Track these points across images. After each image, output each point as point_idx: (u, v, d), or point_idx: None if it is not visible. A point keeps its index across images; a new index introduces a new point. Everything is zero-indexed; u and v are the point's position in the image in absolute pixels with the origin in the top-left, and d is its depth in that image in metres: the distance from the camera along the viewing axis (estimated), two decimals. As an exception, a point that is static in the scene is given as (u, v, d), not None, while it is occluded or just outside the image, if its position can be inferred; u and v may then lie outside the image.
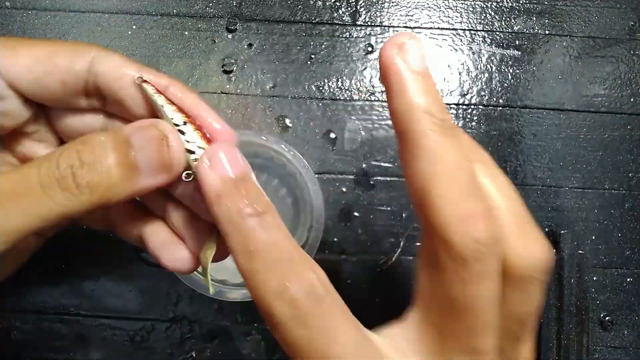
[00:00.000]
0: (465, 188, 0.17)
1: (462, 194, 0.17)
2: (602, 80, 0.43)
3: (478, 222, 0.17)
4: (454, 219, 0.17)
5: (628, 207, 0.42)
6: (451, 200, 0.17)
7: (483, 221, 0.17)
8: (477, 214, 0.17)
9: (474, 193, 0.17)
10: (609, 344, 0.42)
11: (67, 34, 0.42)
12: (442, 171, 0.17)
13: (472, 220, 0.17)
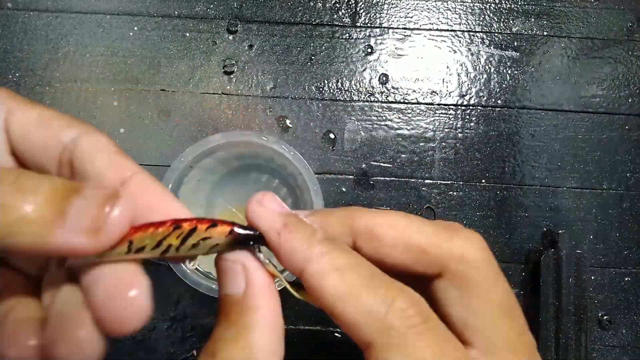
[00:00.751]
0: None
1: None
2: (600, 81, 0.43)
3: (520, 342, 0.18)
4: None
5: (626, 206, 0.43)
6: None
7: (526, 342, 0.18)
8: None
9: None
10: (607, 343, 0.42)
11: (69, 35, 0.43)
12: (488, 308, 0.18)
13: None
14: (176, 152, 0.41)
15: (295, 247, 0.17)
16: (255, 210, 0.19)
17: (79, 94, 0.42)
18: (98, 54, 0.43)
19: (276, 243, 0.18)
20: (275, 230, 0.18)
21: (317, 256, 0.17)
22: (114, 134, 0.42)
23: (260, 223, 0.18)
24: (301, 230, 0.18)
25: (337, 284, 0.16)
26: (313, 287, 0.17)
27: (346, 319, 0.16)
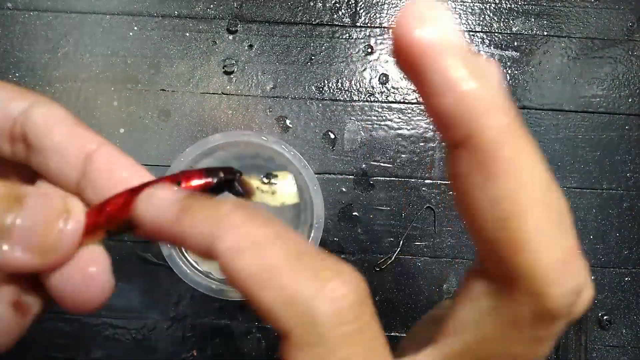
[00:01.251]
0: (559, 218, 0.13)
1: (556, 228, 0.13)
2: (600, 81, 0.43)
3: (574, 267, 0.13)
4: (552, 266, 0.13)
5: (626, 206, 0.43)
6: (547, 239, 0.13)
7: (578, 264, 0.13)
8: (573, 255, 0.13)
9: (565, 222, 0.13)
10: (607, 343, 0.42)
11: (69, 35, 0.43)
12: (533, 197, 0.13)
13: (569, 266, 0.13)
14: (176, 152, 0.41)
15: (200, 227, 0.14)
16: (142, 208, 0.15)
17: (78, 94, 0.42)
18: (98, 54, 0.43)
19: (179, 234, 0.14)
20: (171, 220, 0.14)
21: (226, 230, 0.14)
22: (114, 134, 0.42)
23: (154, 220, 0.15)
24: (205, 206, 0.14)
25: (253, 262, 0.13)
26: (225, 269, 0.13)
27: (262, 304, 0.13)
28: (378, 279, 0.41)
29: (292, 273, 0.13)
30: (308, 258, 0.13)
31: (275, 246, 0.13)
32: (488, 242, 0.13)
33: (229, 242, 0.13)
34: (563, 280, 0.13)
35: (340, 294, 0.13)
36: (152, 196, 0.15)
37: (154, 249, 0.41)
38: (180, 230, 0.14)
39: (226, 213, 0.14)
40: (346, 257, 0.41)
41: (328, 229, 0.41)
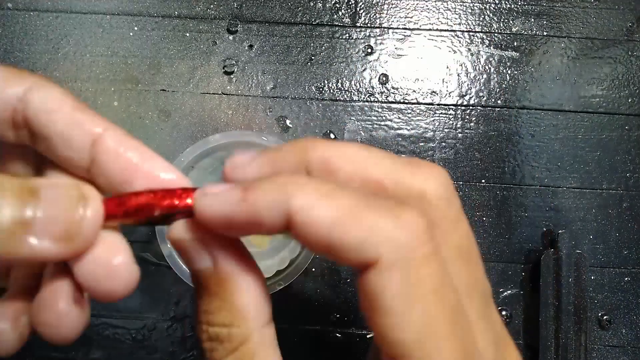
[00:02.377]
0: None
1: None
2: (600, 81, 0.44)
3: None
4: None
5: (626, 206, 0.43)
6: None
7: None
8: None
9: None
10: (607, 343, 0.42)
11: (69, 35, 0.43)
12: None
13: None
14: (176, 152, 0.41)
15: (267, 197, 0.15)
16: (206, 204, 0.16)
17: (79, 94, 0.42)
18: (98, 54, 0.43)
19: (250, 210, 0.15)
20: (237, 201, 0.15)
21: (296, 190, 0.14)
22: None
23: (223, 209, 0.15)
24: (264, 181, 0.15)
25: (330, 210, 0.14)
26: (303, 224, 0.14)
27: (349, 242, 0.14)
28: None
29: (369, 210, 0.14)
30: (374, 199, 0.14)
31: (345, 194, 0.14)
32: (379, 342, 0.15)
33: (303, 198, 0.14)
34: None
35: (414, 221, 0.14)
36: (208, 192, 0.16)
37: (153, 249, 0.41)
38: (252, 206, 0.15)
39: (288, 178, 0.15)
40: (346, 257, 0.41)
41: (328, 229, 0.41)
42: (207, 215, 0.16)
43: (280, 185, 0.15)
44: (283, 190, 0.15)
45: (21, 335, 0.18)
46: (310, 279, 0.41)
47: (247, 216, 0.15)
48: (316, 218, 0.14)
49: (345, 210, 0.14)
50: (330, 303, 0.41)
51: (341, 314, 0.41)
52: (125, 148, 0.17)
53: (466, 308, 0.16)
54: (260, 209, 0.15)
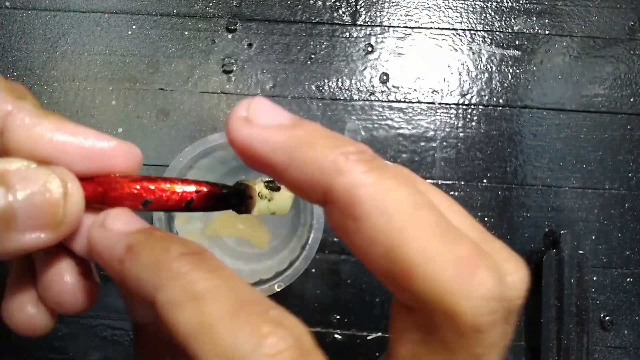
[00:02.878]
0: (440, 228, 0.12)
1: (442, 238, 0.12)
2: (602, 80, 0.43)
3: (479, 269, 0.12)
4: (450, 278, 0.12)
5: (628, 207, 0.42)
6: (434, 253, 0.12)
7: (483, 264, 0.12)
8: (473, 258, 0.12)
9: (451, 230, 0.13)
10: (609, 344, 0.42)
11: (67, 34, 0.42)
12: (403, 219, 0.12)
13: (470, 270, 0.12)
14: (174, 151, 0.41)
15: (142, 274, 0.13)
16: (93, 238, 0.14)
17: (77, 93, 0.42)
18: (96, 53, 0.42)
19: (120, 277, 0.14)
20: (116, 259, 0.14)
21: (168, 280, 0.13)
22: (112, 133, 0.42)
23: (102, 255, 0.14)
24: (151, 249, 0.14)
25: (191, 318, 0.12)
26: (165, 321, 0.13)
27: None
28: (378, 280, 0.41)
29: (230, 329, 0.12)
30: (248, 311, 0.12)
31: (217, 299, 0.12)
32: (386, 279, 0.13)
33: (169, 295, 0.13)
34: (466, 291, 0.12)
35: (278, 349, 0.12)
36: (106, 226, 0.15)
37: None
38: (121, 273, 0.14)
39: (171, 259, 0.13)
40: (346, 258, 0.41)
41: (328, 229, 0.41)
42: (90, 248, 0.15)
43: (157, 266, 0.13)
44: (156, 274, 0.13)
45: (51, 313, 0.18)
46: (310, 280, 0.41)
47: (116, 278, 0.14)
48: (176, 322, 0.12)
49: (206, 323, 0.12)
50: (330, 304, 0.41)
51: (342, 315, 0.41)
52: (40, 124, 0.15)
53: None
54: (127, 282, 0.13)
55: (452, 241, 0.12)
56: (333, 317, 0.41)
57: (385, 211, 0.12)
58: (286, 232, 0.39)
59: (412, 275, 0.12)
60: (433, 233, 0.12)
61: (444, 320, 0.12)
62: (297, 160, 0.13)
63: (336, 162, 0.13)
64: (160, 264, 0.13)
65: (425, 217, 0.12)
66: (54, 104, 0.42)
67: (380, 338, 0.41)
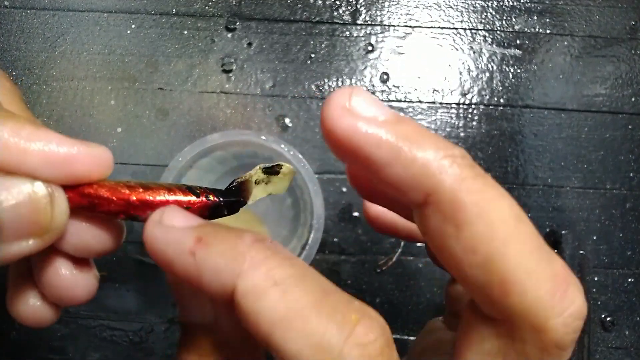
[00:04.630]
0: (536, 244, 0.12)
1: (539, 254, 0.12)
2: (603, 79, 0.43)
3: (570, 288, 0.12)
4: (545, 298, 0.12)
5: (629, 207, 0.42)
6: (533, 268, 0.12)
7: (571, 286, 0.12)
8: (565, 276, 0.12)
9: (544, 246, 0.13)
10: (610, 344, 0.41)
11: (66, 33, 0.42)
12: (506, 231, 0.12)
13: (564, 288, 0.12)
14: (174, 151, 0.41)
15: (219, 263, 0.13)
16: (155, 236, 0.14)
17: (75, 93, 0.42)
18: (95, 53, 0.42)
19: (194, 268, 0.13)
20: (187, 252, 0.13)
21: (249, 268, 0.12)
22: (111, 133, 0.42)
23: (167, 250, 0.13)
24: (223, 238, 0.13)
25: (277, 304, 0.12)
26: (246, 311, 0.12)
27: (287, 352, 0.12)
28: (379, 280, 0.41)
29: (319, 317, 0.12)
30: (333, 300, 0.12)
31: (300, 287, 0.12)
32: (476, 288, 0.13)
33: (251, 281, 0.12)
34: (560, 309, 0.12)
35: (368, 339, 0.12)
36: (166, 223, 0.14)
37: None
38: (196, 266, 0.13)
39: (246, 247, 0.13)
40: (346, 258, 0.41)
41: (328, 230, 0.41)
42: (150, 249, 0.14)
43: (233, 253, 0.13)
44: (234, 261, 0.13)
45: (55, 305, 0.18)
46: (310, 280, 0.41)
47: (187, 272, 0.13)
48: (261, 309, 0.12)
49: (295, 311, 0.12)
50: (330, 304, 0.41)
51: (341, 316, 0.41)
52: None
53: None
54: (203, 272, 0.13)
55: (547, 258, 0.12)
56: (333, 317, 0.40)
57: (490, 220, 0.12)
58: (286, 232, 0.39)
59: (509, 288, 0.12)
60: (532, 248, 0.12)
61: (531, 334, 0.12)
62: (402, 158, 0.12)
63: (442, 165, 0.12)
64: (236, 252, 0.13)
65: (525, 231, 0.12)
66: (52, 104, 0.42)
67: (380, 339, 0.41)
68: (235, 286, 0.12)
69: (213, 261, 0.13)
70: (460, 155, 0.13)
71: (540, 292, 0.12)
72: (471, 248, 0.12)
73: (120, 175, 0.41)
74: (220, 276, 0.13)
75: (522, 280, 0.12)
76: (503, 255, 0.12)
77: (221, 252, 0.13)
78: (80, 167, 0.15)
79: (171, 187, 0.16)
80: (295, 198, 0.39)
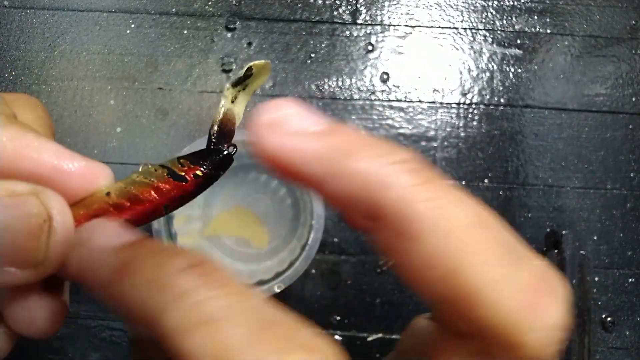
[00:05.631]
0: (502, 250, 0.11)
1: (505, 262, 0.11)
2: (603, 79, 0.43)
3: (545, 298, 0.11)
4: (517, 310, 0.11)
5: (630, 207, 0.42)
6: (498, 279, 0.11)
7: (549, 291, 0.11)
8: (538, 285, 0.11)
9: (513, 252, 0.11)
10: (611, 345, 0.41)
11: (66, 33, 0.42)
12: (464, 240, 0.11)
13: (537, 299, 0.11)
14: (173, 151, 0.41)
15: (139, 297, 0.11)
16: (74, 257, 0.12)
17: (75, 93, 0.42)
18: (95, 52, 0.42)
19: (109, 300, 0.12)
20: (104, 281, 0.12)
21: (173, 300, 0.11)
22: (111, 133, 0.42)
23: (85, 276, 0.12)
24: (148, 265, 0.11)
25: (206, 344, 0.10)
26: (175, 352, 0.11)
27: None
28: (379, 281, 0.41)
29: (254, 355, 0.10)
30: (273, 334, 0.11)
31: (234, 321, 0.11)
32: (443, 304, 0.12)
33: (176, 318, 0.10)
34: (534, 322, 0.11)
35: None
36: (85, 242, 0.12)
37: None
38: (113, 297, 0.12)
39: (175, 275, 0.11)
40: (346, 259, 0.41)
41: (328, 230, 0.41)
42: (73, 268, 0.12)
43: (160, 283, 0.11)
44: (161, 293, 0.11)
45: (11, 335, 0.16)
46: (310, 281, 0.41)
47: (110, 301, 0.12)
48: (188, 350, 0.10)
49: (226, 349, 0.10)
50: (330, 305, 0.41)
51: (342, 316, 0.40)
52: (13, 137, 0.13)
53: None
54: (125, 305, 0.11)
55: (515, 265, 0.11)
56: (333, 318, 0.40)
57: (444, 230, 0.11)
58: (286, 233, 0.39)
59: (473, 303, 0.11)
60: (496, 256, 0.11)
61: (505, 351, 0.11)
62: (336, 173, 0.11)
63: (383, 175, 0.11)
64: (162, 282, 0.11)
65: (488, 237, 0.11)
66: (52, 103, 0.42)
67: (380, 339, 0.40)
68: (158, 322, 0.11)
69: (133, 295, 0.11)
70: (407, 159, 0.11)
71: (511, 304, 0.11)
72: (428, 263, 0.11)
73: (121, 175, 0.41)
74: (141, 311, 0.11)
75: (487, 292, 0.11)
76: (463, 267, 0.11)
77: (143, 283, 0.11)
78: (78, 184, 0.14)
79: (155, 184, 0.15)
80: (295, 198, 0.39)
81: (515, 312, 0.11)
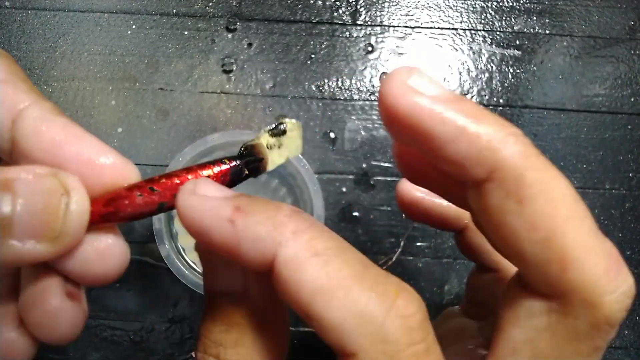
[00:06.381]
0: (592, 223, 0.13)
1: (595, 233, 0.13)
2: (602, 80, 0.43)
3: (623, 267, 0.13)
4: (601, 275, 0.12)
5: (629, 207, 0.42)
6: (589, 250, 0.12)
7: (623, 266, 0.13)
8: (616, 258, 0.13)
9: (597, 229, 0.13)
10: (610, 344, 0.41)
11: (67, 34, 0.42)
12: (568, 209, 0.13)
13: (618, 266, 0.13)
14: (174, 151, 0.41)
15: (259, 231, 0.13)
16: (190, 204, 0.13)
17: (76, 93, 0.42)
18: (96, 53, 0.42)
19: (232, 236, 0.13)
20: (225, 219, 0.13)
21: (289, 237, 0.12)
22: (112, 134, 0.42)
23: (204, 218, 0.13)
24: (262, 208, 0.13)
25: (318, 274, 0.12)
26: (286, 280, 0.12)
27: (328, 320, 0.12)
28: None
29: (361, 288, 0.12)
30: (373, 273, 0.13)
31: (341, 259, 0.12)
32: (534, 264, 0.13)
33: (293, 250, 0.12)
34: (614, 286, 0.12)
35: (409, 311, 0.12)
36: (200, 194, 0.13)
37: (151, 250, 0.40)
38: (235, 234, 0.13)
39: (286, 217, 0.13)
40: (346, 258, 0.41)
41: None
42: (186, 217, 0.13)
43: (274, 222, 0.13)
44: (276, 230, 0.12)
45: (34, 342, 0.17)
46: (310, 280, 0.41)
47: (224, 241, 0.13)
48: (303, 278, 0.12)
49: (337, 281, 0.12)
50: (330, 304, 0.41)
51: (341, 316, 0.41)
52: (47, 126, 0.14)
53: None
54: (242, 240, 0.13)
55: (601, 237, 0.13)
56: (333, 317, 0.40)
57: (552, 198, 0.12)
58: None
59: (567, 265, 0.12)
60: (589, 227, 0.13)
61: (584, 310, 0.13)
62: (467, 134, 0.12)
63: (508, 141, 0.12)
64: (277, 222, 0.13)
65: (582, 211, 0.13)
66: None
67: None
68: (275, 255, 0.12)
69: (253, 230, 0.13)
70: (521, 134, 0.13)
71: (597, 269, 0.12)
72: (532, 224, 0.12)
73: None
74: (260, 245, 0.13)
75: (580, 257, 0.12)
76: (564, 233, 0.12)
77: (261, 221, 0.13)
78: (110, 177, 0.15)
79: (186, 168, 0.16)
80: (295, 198, 0.39)
81: (599, 275, 0.12)
